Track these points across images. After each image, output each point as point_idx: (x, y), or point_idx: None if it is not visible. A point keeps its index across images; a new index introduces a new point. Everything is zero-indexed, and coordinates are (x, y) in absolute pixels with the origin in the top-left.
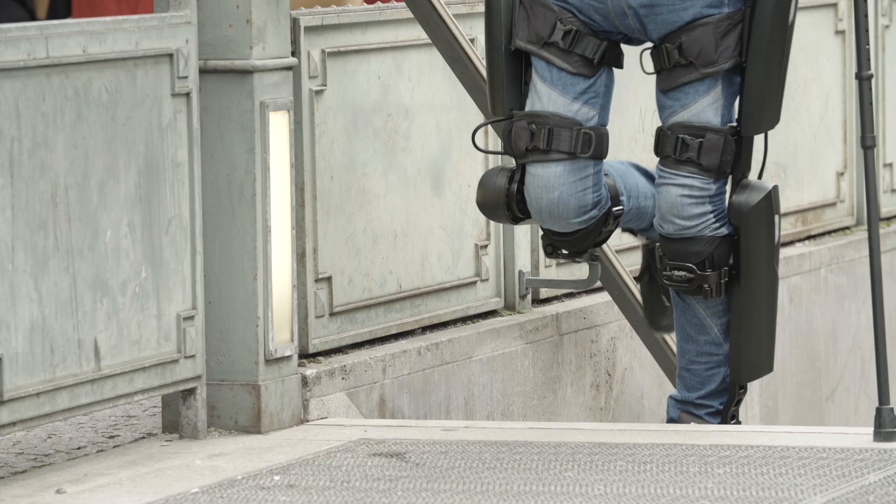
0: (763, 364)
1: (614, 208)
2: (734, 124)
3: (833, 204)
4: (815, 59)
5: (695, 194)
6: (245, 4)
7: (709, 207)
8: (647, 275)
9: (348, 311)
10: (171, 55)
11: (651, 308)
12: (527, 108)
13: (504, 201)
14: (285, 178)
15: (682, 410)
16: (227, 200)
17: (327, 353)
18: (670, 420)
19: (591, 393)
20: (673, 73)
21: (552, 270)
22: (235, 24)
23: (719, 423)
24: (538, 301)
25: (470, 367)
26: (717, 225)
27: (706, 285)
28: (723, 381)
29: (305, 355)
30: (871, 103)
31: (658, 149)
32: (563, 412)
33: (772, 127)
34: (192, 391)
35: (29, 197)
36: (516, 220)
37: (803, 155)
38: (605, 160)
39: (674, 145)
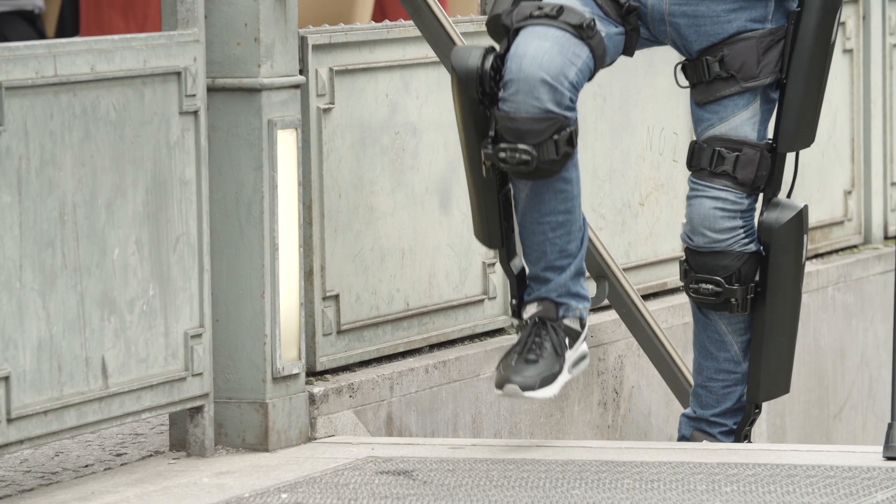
0: (781, 384)
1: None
2: (769, 140)
3: (840, 222)
4: None
5: (728, 207)
6: (253, 23)
7: (740, 222)
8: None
9: (356, 328)
10: (179, 73)
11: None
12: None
13: (477, 75)
14: (293, 196)
15: (695, 428)
16: (234, 218)
17: (335, 370)
18: (682, 437)
19: (599, 411)
20: (712, 85)
21: None
22: (244, 42)
23: (732, 442)
24: None
25: (478, 385)
26: (747, 241)
27: (733, 299)
28: (738, 399)
29: (313, 373)
30: None
31: (692, 161)
32: (570, 430)
33: (808, 145)
34: (199, 409)
35: (37, 215)
36: (482, 102)
37: (811, 173)
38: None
39: (710, 158)
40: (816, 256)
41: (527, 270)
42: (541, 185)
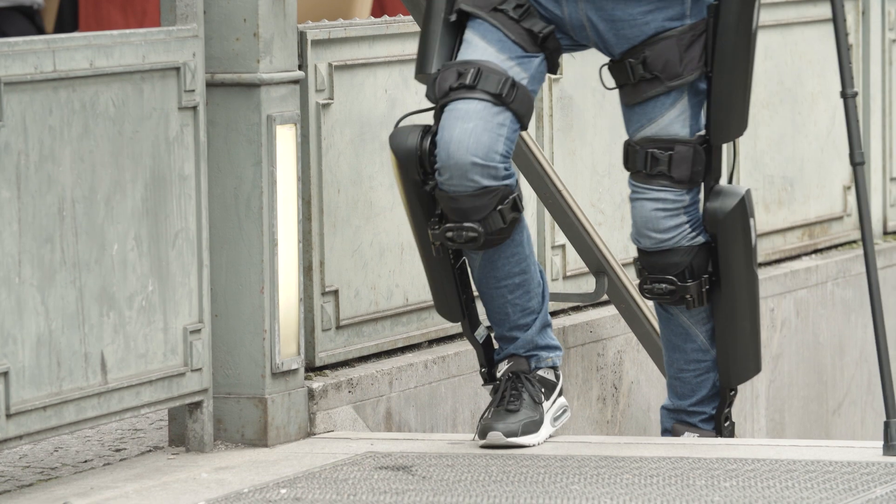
0: (751, 365)
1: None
2: (703, 133)
3: (840, 218)
4: (823, 73)
5: (669, 207)
6: (252, 18)
7: (684, 218)
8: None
9: (355, 324)
10: (178, 69)
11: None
12: (457, 59)
13: (416, 157)
14: (292, 191)
15: (675, 420)
16: (233, 214)
17: (334, 366)
18: (664, 431)
19: (598, 406)
20: (638, 87)
21: (559, 284)
22: (242, 37)
23: (713, 428)
24: None
25: (476, 381)
26: (694, 234)
27: (688, 296)
28: (713, 386)
29: (312, 368)
30: (858, 120)
31: (628, 163)
32: (569, 425)
33: (740, 134)
34: (198, 404)
35: (36, 210)
36: (425, 181)
37: (810, 169)
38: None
39: (644, 160)
40: (815, 252)
41: (492, 336)
42: (492, 252)
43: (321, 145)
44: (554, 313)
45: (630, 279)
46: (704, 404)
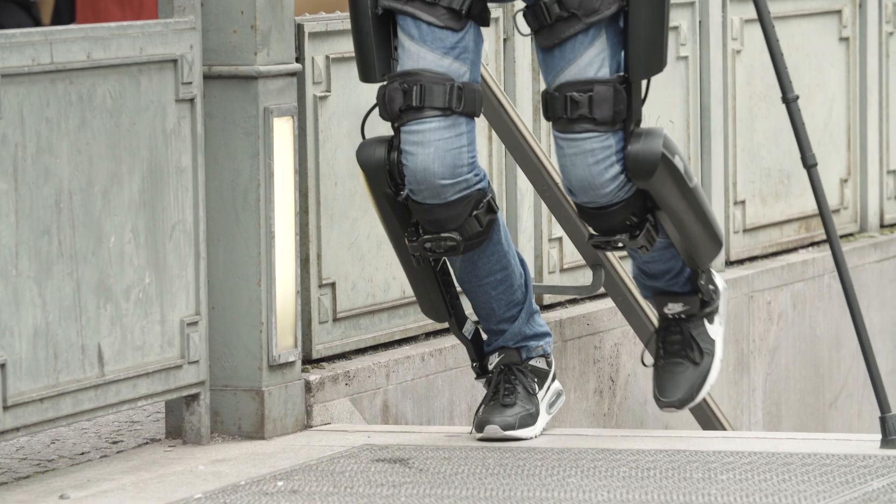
0: (713, 246)
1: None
2: (622, 74)
3: (837, 211)
4: (820, 65)
5: (600, 157)
6: (249, 10)
7: (617, 168)
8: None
9: (352, 316)
10: (175, 61)
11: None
12: (398, 69)
13: (385, 170)
14: (289, 183)
15: (654, 293)
16: (230, 206)
17: (331, 358)
18: (645, 297)
19: (595, 399)
20: (555, 28)
21: (556, 277)
22: (240, 29)
23: (692, 290)
24: (542, 307)
25: (473, 373)
26: (629, 186)
27: (642, 249)
28: (682, 262)
29: (309, 361)
30: (804, 123)
31: (547, 113)
32: (566, 418)
33: (659, 70)
34: (195, 397)
35: (33, 202)
36: (397, 193)
37: None
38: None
39: (563, 104)
40: (812, 244)
41: (480, 329)
42: (472, 254)
43: (318, 138)
44: (551, 306)
45: (627, 272)
46: (678, 277)
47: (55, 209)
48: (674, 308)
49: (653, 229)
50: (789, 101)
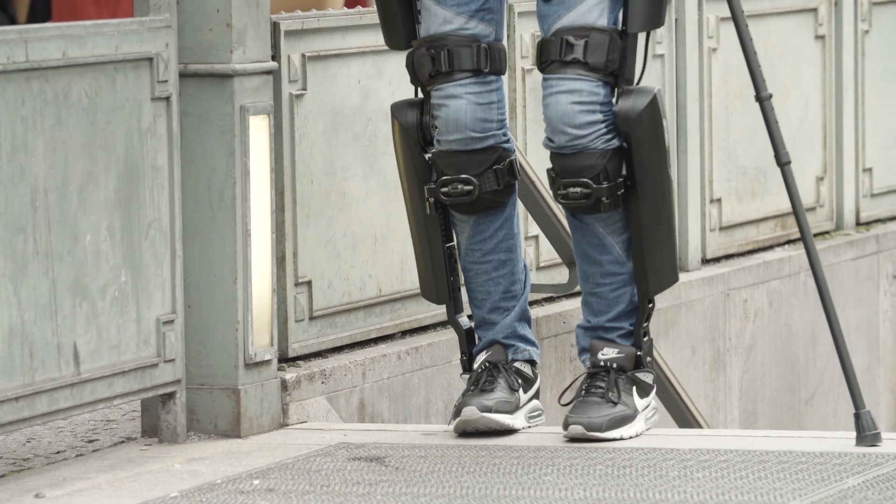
0: (669, 273)
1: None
2: (618, 28)
3: (812, 209)
4: (796, 63)
5: (585, 100)
6: (225, 8)
7: (599, 116)
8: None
9: (328, 315)
10: (151, 59)
11: None
12: (422, 34)
13: (417, 130)
14: (265, 182)
15: (593, 337)
16: (206, 204)
17: (307, 357)
18: (581, 350)
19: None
20: None
21: (532, 275)
22: (216, 28)
23: (632, 343)
24: None
25: (450, 372)
26: (609, 136)
27: (603, 198)
28: (630, 300)
29: (285, 359)
30: (777, 122)
31: (541, 57)
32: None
33: (658, 24)
34: (171, 395)
35: (8, 201)
36: (424, 150)
37: None
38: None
39: (558, 48)
40: (788, 242)
41: (473, 320)
42: (481, 220)
43: (294, 136)
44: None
45: None
46: (622, 319)
47: (31, 207)
48: (608, 353)
49: (620, 195)
50: (763, 99)
